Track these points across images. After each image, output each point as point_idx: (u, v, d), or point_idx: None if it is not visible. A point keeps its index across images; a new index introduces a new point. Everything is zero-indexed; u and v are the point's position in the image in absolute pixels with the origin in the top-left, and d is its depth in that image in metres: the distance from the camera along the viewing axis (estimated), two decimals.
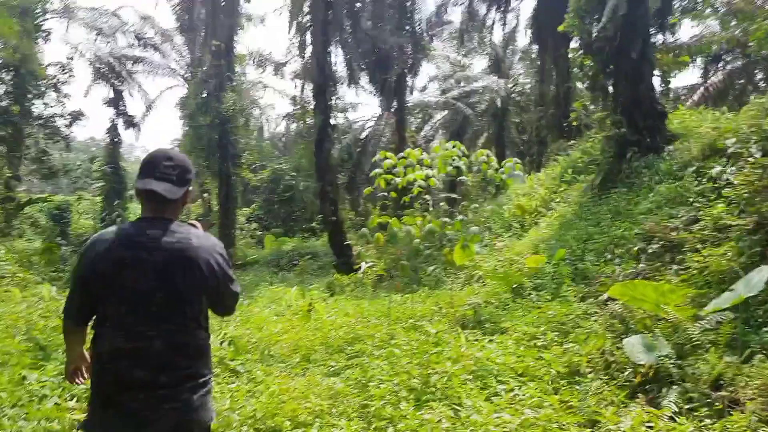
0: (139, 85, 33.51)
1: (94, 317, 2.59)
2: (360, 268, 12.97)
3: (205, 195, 36.04)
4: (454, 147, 10.21)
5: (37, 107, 23.74)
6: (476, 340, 7.12)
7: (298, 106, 32.16)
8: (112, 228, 2.61)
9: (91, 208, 32.99)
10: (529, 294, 9.68)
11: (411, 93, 31.19)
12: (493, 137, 35.13)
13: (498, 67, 36.27)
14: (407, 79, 29.14)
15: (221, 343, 6.54)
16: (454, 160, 10.49)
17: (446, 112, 36.22)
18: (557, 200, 15.29)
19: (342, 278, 13.73)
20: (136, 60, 32.20)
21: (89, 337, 2.67)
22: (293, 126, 41.12)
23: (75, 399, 4.93)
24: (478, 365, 5.81)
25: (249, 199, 40.48)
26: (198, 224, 2.77)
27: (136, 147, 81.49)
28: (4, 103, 22.71)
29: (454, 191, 20.07)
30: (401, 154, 10.73)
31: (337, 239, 20.27)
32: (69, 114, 24.60)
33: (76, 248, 18.77)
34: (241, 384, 5.50)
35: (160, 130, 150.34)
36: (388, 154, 10.24)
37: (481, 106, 34.55)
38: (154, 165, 2.57)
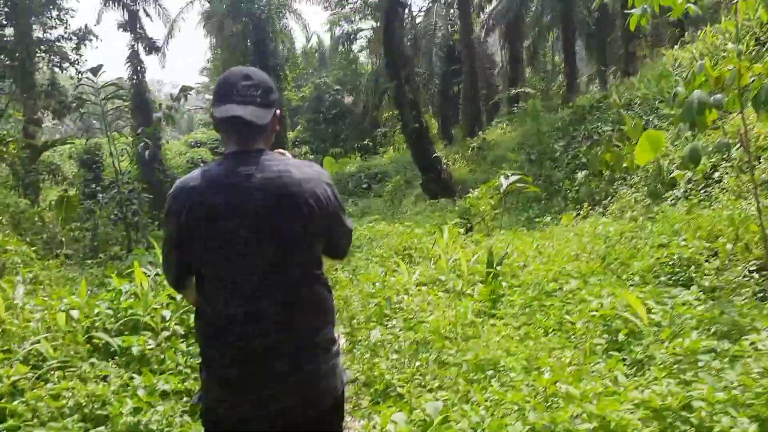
0: (156, 2, 28.29)
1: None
2: (500, 185, 8.18)
3: None
4: None
5: (38, 31, 18.76)
6: None
7: None
8: (196, 172, 2.00)
9: (127, 149, 28.48)
10: None
11: None
12: (559, 17, 28.99)
13: None
14: None
15: None
16: None
17: None
18: None
19: (474, 201, 8.93)
20: None
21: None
22: (331, 33, 35.33)
23: None
24: None
25: (292, 122, 35.69)
26: (286, 152, 2.10)
27: (165, 83, 75.97)
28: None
29: None
30: None
31: (422, 150, 15.43)
32: (74, 33, 19.42)
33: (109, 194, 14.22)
34: None
35: (188, 56, 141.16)
36: None
37: None
38: (230, 86, 1.97)
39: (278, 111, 2.07)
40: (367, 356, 4.31)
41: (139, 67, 28.32)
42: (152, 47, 28.71)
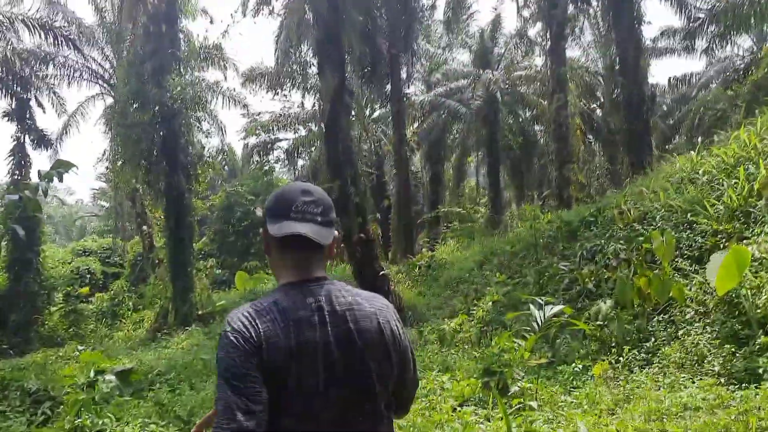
0: (52, 91, 24.64)
1: None
2: (533, 318, 5.16)
3: (144, 227, 26.87)
4: None
5: None
6: None
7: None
8: (265, 302, 1.59)
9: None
10: None
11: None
12: (486, 140, 27.69)
13: (484, 58, 28.84)
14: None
15: None
16: None
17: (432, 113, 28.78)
18: None
19: (510, 344, 5.63)
20: (45, 59, 23.38)
21: None
22: (246, 142, 32.63)
23: None
24: None
25: (199, 231, 31.76)
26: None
27: (58, 188, 69.19)
28: None
29: None
30: None
31: (368, 268, 12.20)
32: None
33: None
34: None
35: (87, 158, 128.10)
36: None
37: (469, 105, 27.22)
38: (287, 202, 1.67)
39: (336, 232, 1.71)
40: None
41: (23, 161, 23.99)
42: (42, 141, 24.61)
